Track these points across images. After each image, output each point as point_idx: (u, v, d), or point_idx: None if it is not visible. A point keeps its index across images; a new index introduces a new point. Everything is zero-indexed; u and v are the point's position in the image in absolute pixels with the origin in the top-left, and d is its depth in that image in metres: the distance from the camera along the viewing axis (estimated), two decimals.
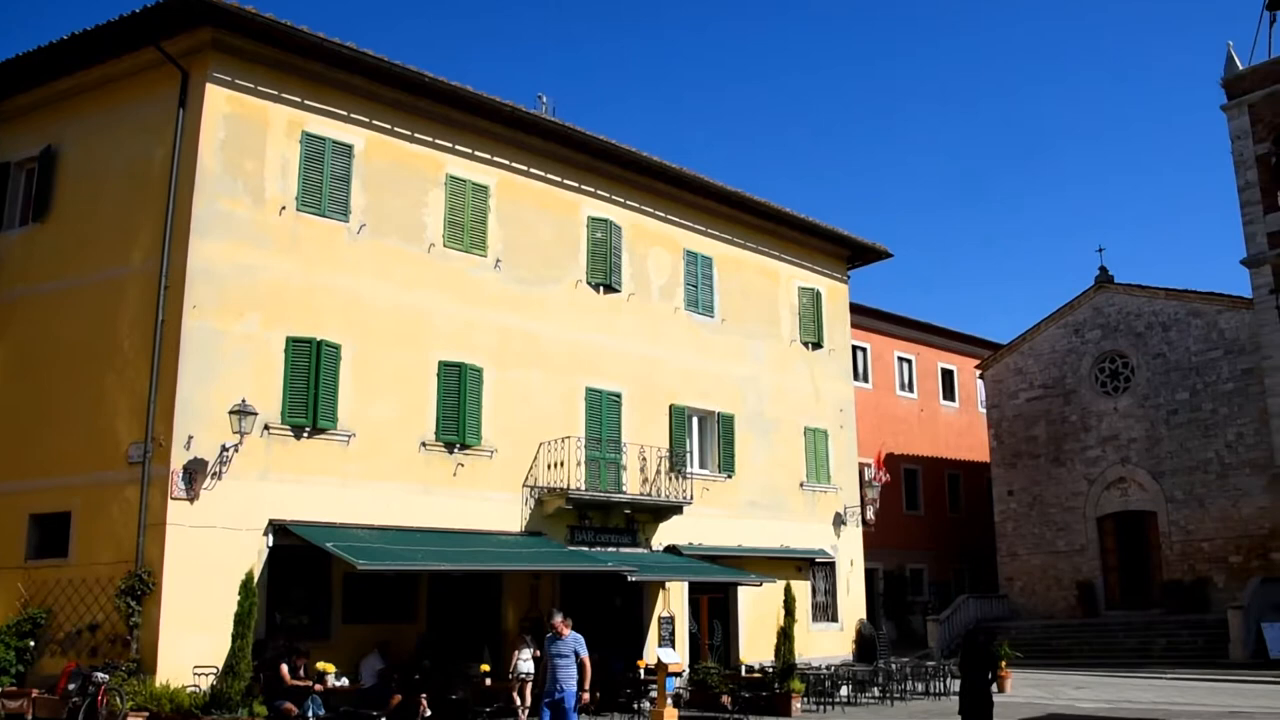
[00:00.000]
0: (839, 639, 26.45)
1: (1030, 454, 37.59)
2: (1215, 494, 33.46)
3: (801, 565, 25.38)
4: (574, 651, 13.02)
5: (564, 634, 13.16)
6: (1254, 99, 33.58)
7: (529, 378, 20.78)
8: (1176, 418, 34.51)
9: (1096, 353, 36.70)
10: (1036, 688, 24.10)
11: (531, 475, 20.41)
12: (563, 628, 13.24)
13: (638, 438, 22.38)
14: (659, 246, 24.22)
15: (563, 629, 13.23)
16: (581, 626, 20.46)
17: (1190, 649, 30.26)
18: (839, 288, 29.04)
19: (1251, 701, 21.08)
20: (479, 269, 20.39)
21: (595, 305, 22.47)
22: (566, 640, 13.09)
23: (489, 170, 20.96)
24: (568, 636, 13.13)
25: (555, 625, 13.40)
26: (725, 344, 25.16)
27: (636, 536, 22.03)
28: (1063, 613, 35.61)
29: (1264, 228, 32.80)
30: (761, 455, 25.30)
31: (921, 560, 39.39)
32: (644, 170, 23.76)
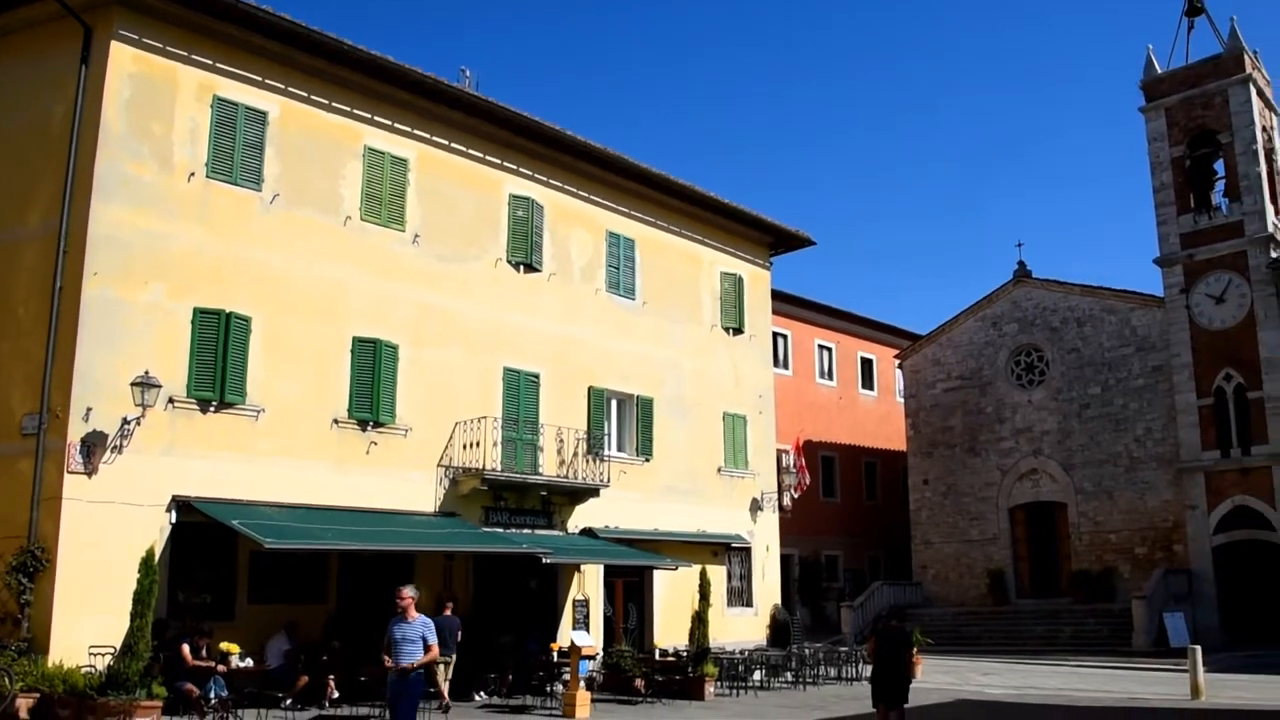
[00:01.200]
0: (754, 624, 26.51)
1: (946, 444, 38.10)
2: (1123, 487, 34.22)
3: (718, 550, 25.37)
4: (421, 637, 11.04)
5: (412, 617, 11.15)
6: (1170, 103, 34.36)
7: (446, 356, 20.42)
8: (1088, 412, 35.21)
9: (1013, 346, 37.29)
10: (947, 674, 24.38)
11: (447, 455, 20.07)
12: (411, 609, 11.23)
13: (556, 419, 22.14)
14: (581, 227, 23.96)
15: (411, 610, 11.21)
16: (496, 608, 20.46)
17: (1096, 637, 30.96)
18: (761, 274, 29.04)
19: (1151, 688, 21.57)
20: (397, 244, 19.97)
21: (515, 284, 22.16)
22: (414, 624, 11.10)
23: (409, 143, 20.52)
24: (415, 620, 11.14)
25: (402, 604, 11.23)
26: (646, 327, 25.01)
27: (552, 519, 21.81)
28: (974, 600, 36.18)
29: (1177, 229, 33.62)
30: (680, 439, 25.21)
31: (837, 547, 39.75)
32: (568, 149, 23.47)
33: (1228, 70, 33.62)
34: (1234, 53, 33.67)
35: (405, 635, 11.00)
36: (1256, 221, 32.29)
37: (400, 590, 11.29)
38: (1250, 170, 32.65)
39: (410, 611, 11.16)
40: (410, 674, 11.01)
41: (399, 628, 11.06)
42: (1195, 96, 34.07)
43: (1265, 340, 31.51)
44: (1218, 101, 33.64)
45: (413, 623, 11.09)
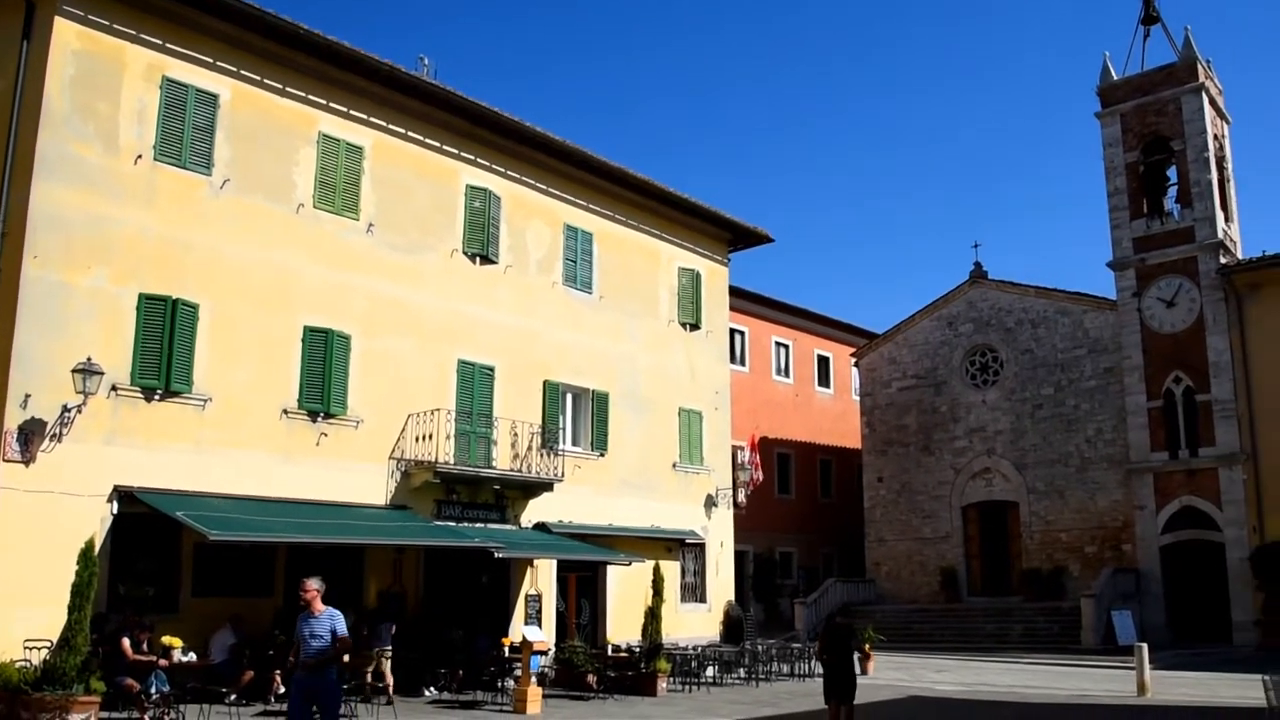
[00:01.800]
0: (707, 620, 26.43)
1: (901, 442, 38.24)
2: (1074, 487, 34.51)
3: (672, 546, 25.27)
4: (331, 631, 10.10)
5: (318, 610, 10.21)
6: (1126, 109, 34.70)
7: (399, 347, 20.15)
8: (1041, 412, 35.47)
9: (968, 346, 37.48)
10: (898, 670, 24.43)
11: (399, 447, 19.80)
12: (316, 601, 10.27)
13: (510, 413, 21.92)
14: (539, 219, 23.74)
15: (316, 603, 10.26)
16: (447, 603, 20.22)
17: (1046, 635, 31.18)
18: (719, 270, 28.95)
19: (1100, 685, 21.71)
20: (350, 232, 19.67)
21: (471, 276, 21.91)
22: (321, 618, 10.16)
23: (364, 131, 20.22)
24: (322, 614, 10.19)
25: (306, 597, 10.33)
26: (603, 321, 24.83)
27: (505, 513, 21.58)
28: (927, 598, 36.34)
29: (1130, 233, 33.96)
30: (635, 434, 25.07)
31: (792, 544, 39.79)
32: (526, 140, 23.25)
33: (1181, 78, 33.97)
34: (1188, 61, 34.01)
35: (313, 631, 10.13)
36: (1207, 228, 32.65)
37: (304, 583, 10.45)
38: (1202, 177, 33.01)
39: (316, 605, 10.26)
40: (318, 670, 10.10)
41: (305, 624, 10.20)
42: (1150, 104, 34.40)
43: (1213, 345, 31.86)
44: (1171, 109, 33.97)
45: (319, 616, 10.20)
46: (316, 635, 10.10)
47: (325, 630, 10.12)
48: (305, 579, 10.52)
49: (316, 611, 10.23)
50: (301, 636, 10.18)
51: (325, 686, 10.20)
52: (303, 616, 10.29)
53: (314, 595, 10.32)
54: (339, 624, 10.18)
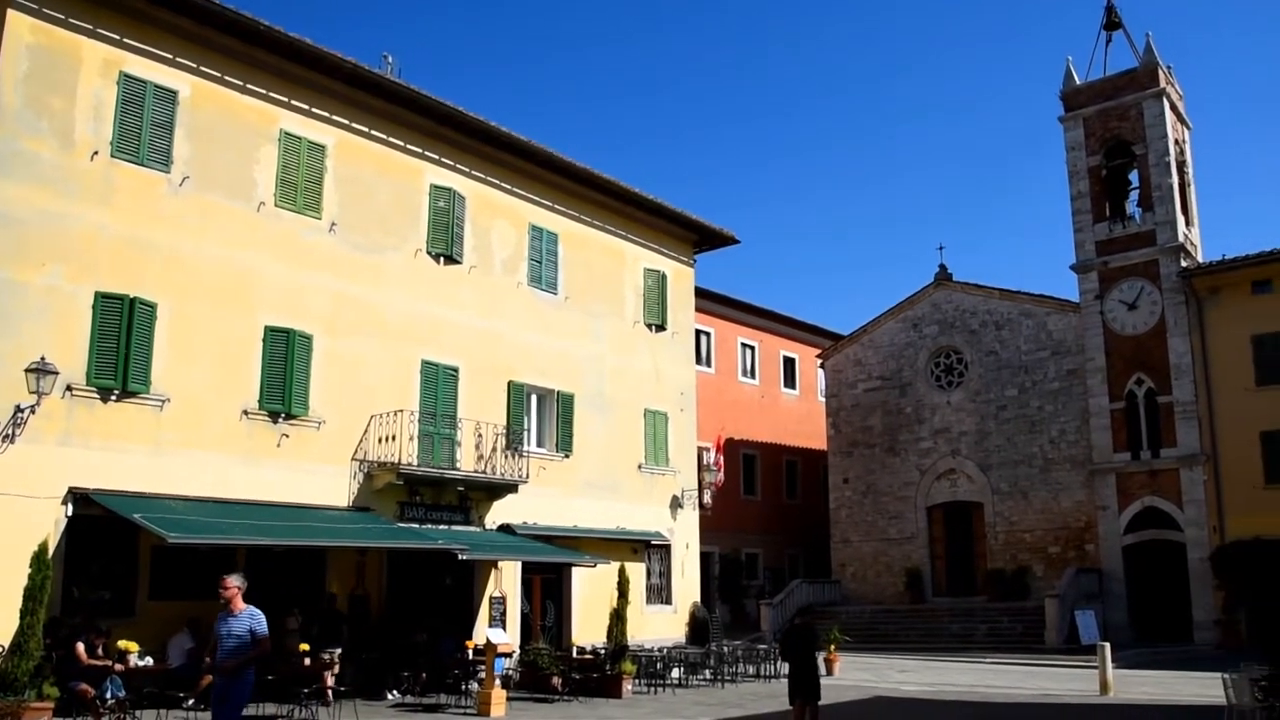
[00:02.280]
0: (673, 621, 26.37)
1: (866, 443, 38.35)
2: (1038, 487, 34.73)
3: (637, 547, 25.21)
4: (250, 631, 9.66)
5: (238, 609, 9.74)
6: (1088, 113, 34.98)
7: (362, 347, 19.96)
8: (1005, 413, 35.67)
9: (933, 347, 37.63)
10: (864, 671, 24.46)
11: (361, 448, 19.61)
12: (237, 600, 9.75)
13: (474, 413, 21.77)
14: (504, 219, 23.61)
15: (237, 602, 9.75)
16: (410, 605, 20.03)
17: (1010, 635, 31.33)
18: (685, 271, 28.91)
19: (1063, 685, 21.83)
20: (312, 232, 19.47)
21: (435, 276, 21.76)
22: (240, 617, 9.70)
23: (327, 129, 20.04)
24: (242, 613, 9.72)
25: (225, 595, 9.78)
26: (568, 322, 24.73)
27: (470, 514, 21.43)
28: (892, 598, 36.45)
29: (1093, 236, 34.23)
30: (600, 436, 24.98)
31: (757, 545, 39.81)
32: (491, 140, 23.13)
33: (1143, 84, 34.29)
34: (1149, 67, 34.34)
35: (230, 630, 9.64)
36: (1168, 231, 32.95)
37: (223, 580, 9.86)
38: (1163, 181, 33.32)
39: (236, 603, 9.74)
40: (236, 672, 9.61)
41: (224, 622, 9.71)
42: (1112, 108, 34.70)
43: (1174, 346, 32.16)
44: (1133, 114, 34.28)
45: (239, 615, 9.70)
46: (234, 635, 9.66)
47: (244, 630, 9.70)
48: (225, 576, 9.98)
49: (236, 610, 9.77)
50: (219, 635, 9.71)
51: (241, 690, 9.69)
52: (221, 615, 9.78)
53: (234, 593, 9.81)
54: (259, 624, 9.71)
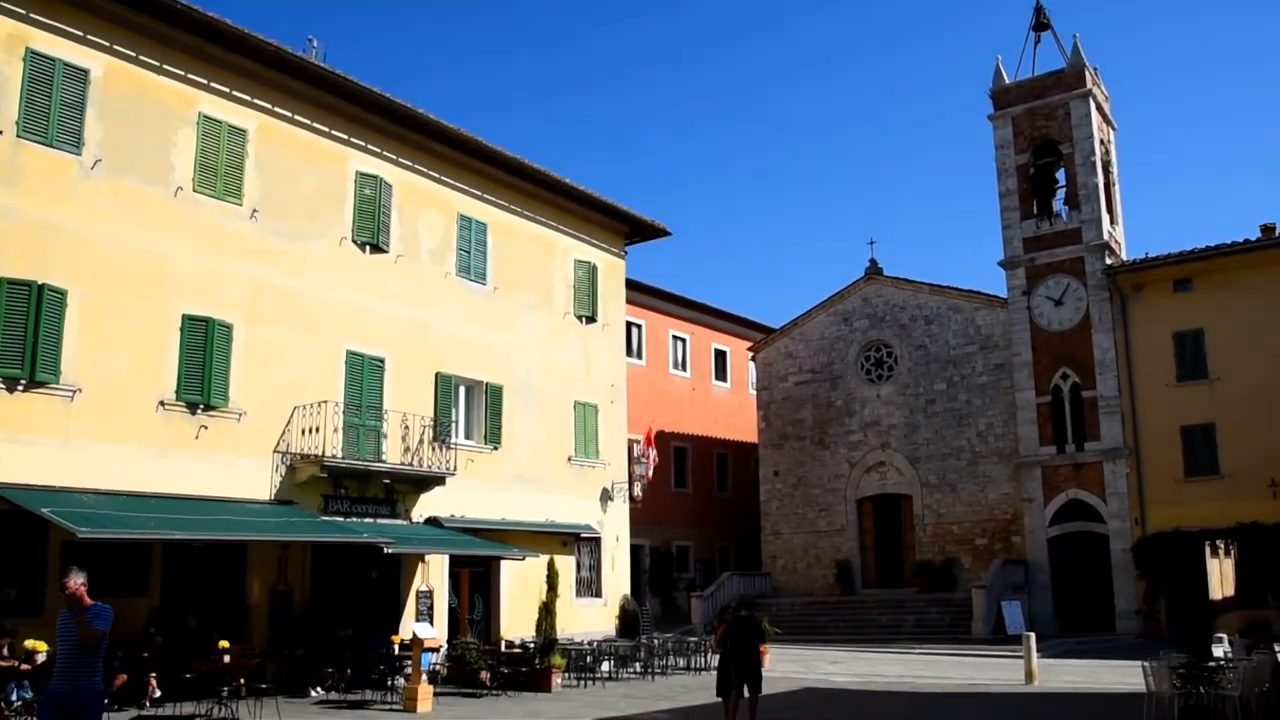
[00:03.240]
0: (603, 614, 26.20)
1: (796, 436, 38.48)
2: (966, 480, 35.10)
3: (567, 540, 25.01)
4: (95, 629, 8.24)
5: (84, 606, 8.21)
6: (1017, 112, 35.42)
7: (285, 337, 19.50)
8: (934, 407, 35.99)
9: (863, 341, 37.85)
10: (794, 663, 24.47)
11: (284, 440, 19.16)
12: (81, 596, 8.16)
13: (401, 405, 21.39)
14: (431, 208, 23.25)
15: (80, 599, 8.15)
16: (335, 600, 19.62)
17: (938, 626, 31.63)
18: (616, 263, 28.73)
19: (990, 674, 22.04)
20: (233, 218, 18.96)
21: (360, 265, 21.34)
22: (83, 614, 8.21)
23: (248, 113, 19.52)
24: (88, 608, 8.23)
25: (66, 592, 8.18)
26: (497, 313, 24.42)
27: (396, 507, 21.05)
28: (822, 590, 36.61)
29: (1020, 233, 34.67)
30: (530, 428, 24.72)
31: (688, 537, 39.77)
32: (418, 128, 22.78)
33: (1070, 84, 34.79)
34: (1076, 68, 34.86)
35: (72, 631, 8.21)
36: (1093, 229, 33.48)
37: (64, 578, 8.27)
38: (1089, 180, 33.85)
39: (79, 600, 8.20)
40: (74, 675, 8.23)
41: (66, 622, 8.28)
42: (1040, 108, 35.15)
43: (1099, 342, 32.69)
44: (1060, 113, 34.76)
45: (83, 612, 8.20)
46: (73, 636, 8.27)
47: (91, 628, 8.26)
48: (66, 572, 8.44)
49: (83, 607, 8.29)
50: (60, 637, 8.40)
51: (84, 696, 8.26)
52: (63, 614, 8.32)
53: (75, 590, 8.29)
54: (103, 622, 8.28)
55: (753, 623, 14.76)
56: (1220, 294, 31.04)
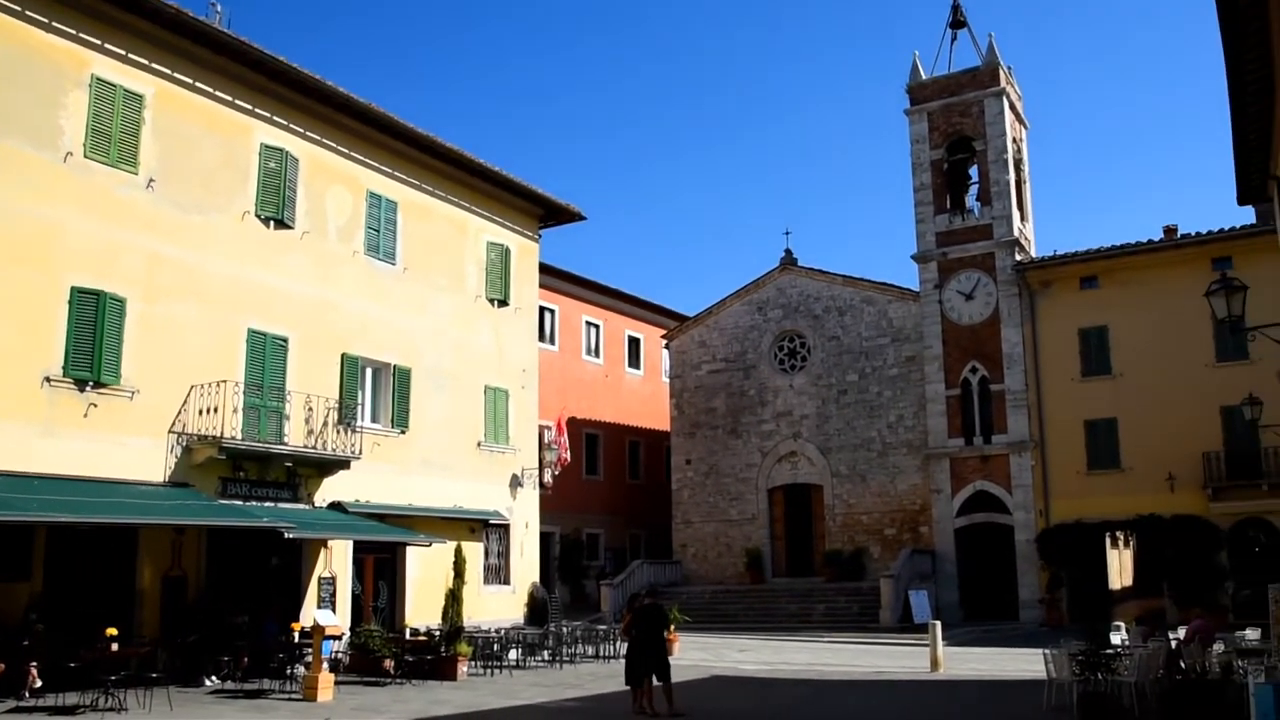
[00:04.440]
0: (511, 602, 25.81)
1: (709, 425, 38.44)
2: (876, 471, 35.39)
3: (475, 526, 24.57)
4: None
5: None
6: (933, 108, 35.76)
7: (182, 313, 18.73)
8: (846, 398, 36.20)
9: (777, 331, 37.93)
10: (702, 651, 24.39)
11: (180, 420, 18.39)
12: None
13: (305, 386, 20.73)
14: (340, 185, 22.60)
15: None
16: (232, 587, 18.91)
17: (847, 614, 31.84)
18: (530, 246, 28.31)
19: (896, 663, 22.16)
20: (127, 187, 18.12)
21: (264, 240, 20.62)
22: None
23: (146, 78, 18.67)
24: None
25: None
26: (406, 294, 23.86)
27: (298, 491, 20.39)
28: (733, 579, 36.65)
29: (933, 227, 35.02)
30: (439, 412, 24.20)
31: (599, 525, 39.50)
32: (328, 101, 22.11)
33: (984, 83, 35.24)
34: (991, 67, 35.34)
35: None
36: (1004, 226, 33.96)
37: None
38: (1001, 177, 34.32)
39: None
40: None
41: None
42: (955, 104, 35.55)
43: (1007, 337, 33.20)
44: (975, 110, 35.19)
45: None
46: None
47: None
48: None
49: None
50: None
51: None
52: None
53: None
54: None
55: (658, 610, 14.65)
56: (1124, 292, 31.73)
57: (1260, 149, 16.55)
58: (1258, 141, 16.26)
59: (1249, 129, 15.79)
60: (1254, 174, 17.40)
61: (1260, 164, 17.05)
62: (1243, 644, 17.00)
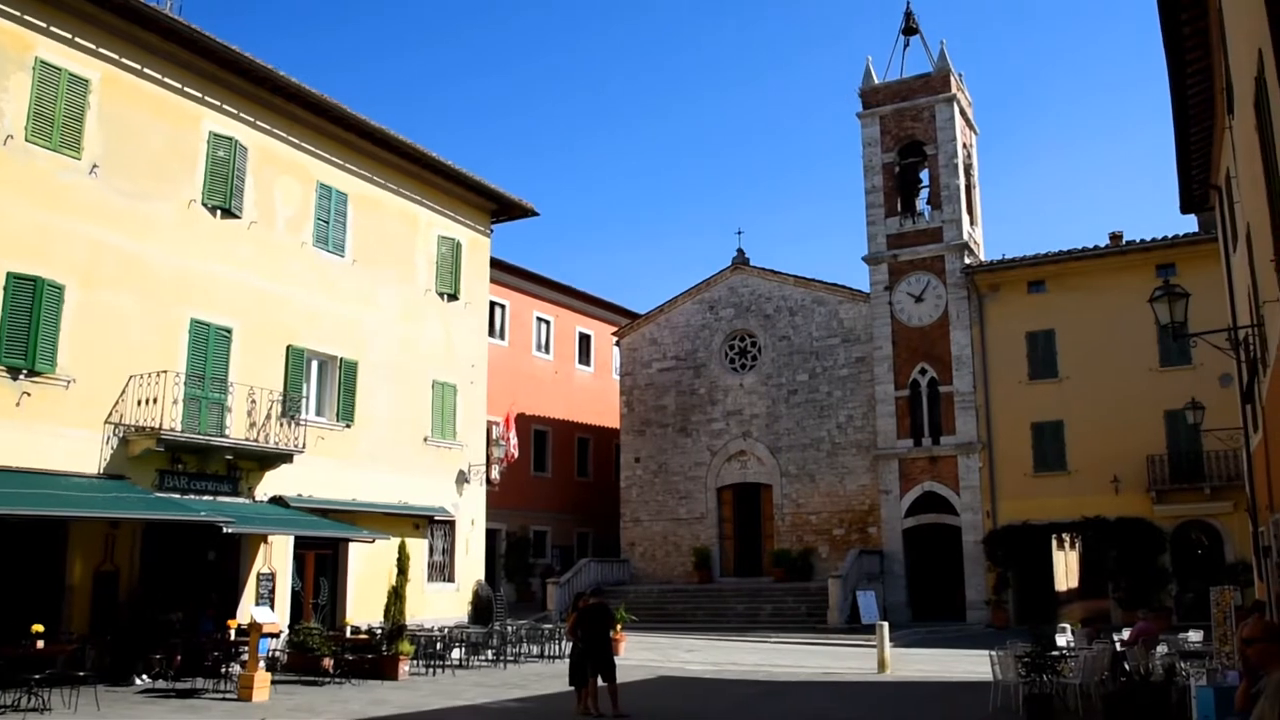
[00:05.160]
0: (455, 600, 25.54)
1: (659, 423, 38.35)
2: (825, 471, 35.47)
3: (420, 522, 24.27)
4: None
5: None
6: (885, 112, 35.95)
7: (123, 302, 18.34)
8: (796, 397, 36.26)
9: (728, 330, 37.91)
10: (650, 650, 24.27)
11: (118, 411, 17.98)
12: None
13: (248, 378, 20.36)
14: (290, 175, 22.26)
15: None
16: (167, 582, 18.52)
17: (795, 615, 31.84)
18: (481, 240, 28.05)
19: (844, 663, 22.17)
20: (70, 172, 17.72)
21: (210, 230, 20.25)
22: None
23: (93, 62, 18.29)
24: None
25: None
26: (355, 286, 23.54)
27: (238, 485, 20.01)
28: (681, 578, 36.58)
29: (884, 230, 35.20)
30: (385, 406, 23.90)
31: (546, 522, 39.26)
32: (280, 91, 21.81)
33: (935, 88, 35.51)
34: (942, 73, 35.61)
35: None
36: (954, 229, 34.19)
37: None
38: (951, 182, 34.57)
39: None
40: None
41: None
42: (907, 109, 35.77)
43: (956, 339, 33.42)
44: (926, 116, 35.44)
45: None
46: None
47: None
48: None
49: None
50: None
51: None
52: None
53: None
54: None
55: (604, 610, 14.52)
56: (1071, 297, 32.05)
57: (1201, 162, 16.93)
58: (1199, 155, 16.68)
59: (1191, 144, 16.22)
60: (1196, 185, 17.76)
61: (1202, 176, 17.42)
62: (1185, 646, 17.25)
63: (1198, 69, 14.11)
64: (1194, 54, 13.75)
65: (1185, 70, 14.14)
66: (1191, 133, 16.02)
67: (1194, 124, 15.70)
